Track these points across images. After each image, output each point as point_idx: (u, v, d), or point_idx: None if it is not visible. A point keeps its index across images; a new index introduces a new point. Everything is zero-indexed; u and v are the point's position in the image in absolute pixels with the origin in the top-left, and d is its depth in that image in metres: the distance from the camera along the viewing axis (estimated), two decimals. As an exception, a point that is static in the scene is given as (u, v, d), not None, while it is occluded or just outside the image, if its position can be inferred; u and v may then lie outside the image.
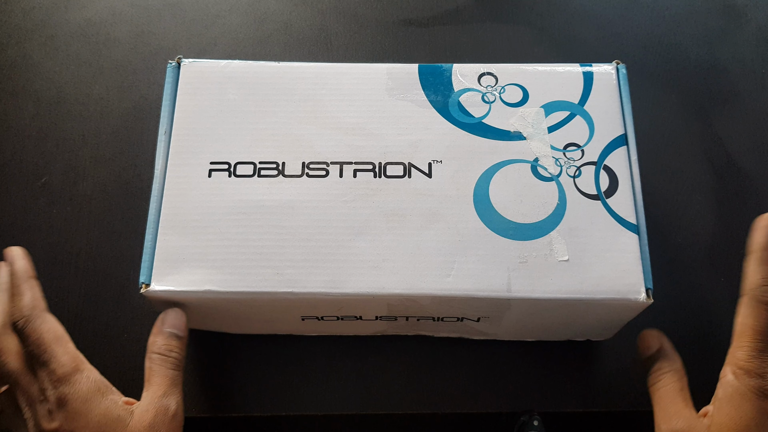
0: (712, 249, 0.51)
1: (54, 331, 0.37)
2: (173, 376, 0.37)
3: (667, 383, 0.37)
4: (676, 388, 0.37)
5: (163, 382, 0.36)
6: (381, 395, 0.47)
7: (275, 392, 0.47)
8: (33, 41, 0.58)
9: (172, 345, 0.38)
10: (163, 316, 0.39)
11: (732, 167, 0.54)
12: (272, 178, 0.41)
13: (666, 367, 0.38)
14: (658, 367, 0.38)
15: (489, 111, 0.43)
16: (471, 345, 0.48)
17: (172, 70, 0.44)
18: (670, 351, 0.39)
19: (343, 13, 0.60)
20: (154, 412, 0.35)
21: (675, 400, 0.37)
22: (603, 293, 0.38)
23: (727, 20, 0.60)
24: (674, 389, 0.37)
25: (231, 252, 0.39)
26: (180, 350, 0.38)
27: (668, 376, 0.38)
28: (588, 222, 0.40)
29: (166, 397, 0.36)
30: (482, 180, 0.41)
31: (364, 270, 0.39)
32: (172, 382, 0.37)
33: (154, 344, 0.38)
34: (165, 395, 0.36)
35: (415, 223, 0.40)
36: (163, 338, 0.38)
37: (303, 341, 0.48)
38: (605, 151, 0.42)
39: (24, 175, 0.53)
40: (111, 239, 0.51)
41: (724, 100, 0.56)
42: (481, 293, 0.38)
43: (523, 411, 0.46)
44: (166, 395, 0.36)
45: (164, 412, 0.35)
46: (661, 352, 0.39)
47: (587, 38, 0.59)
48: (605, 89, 0.44)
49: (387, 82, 0.44)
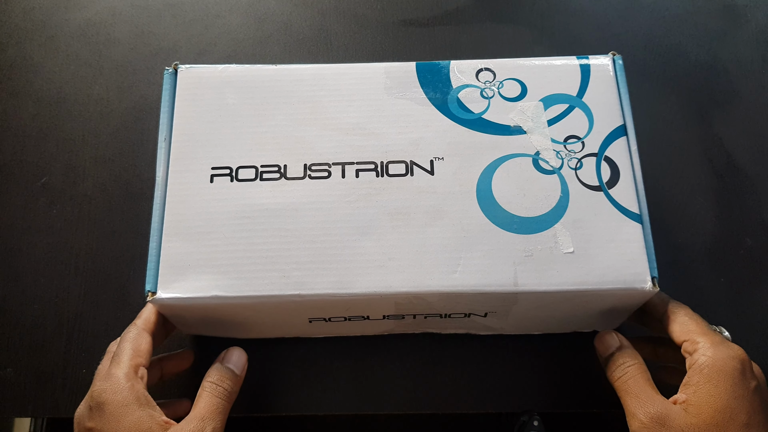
0: (712, 249, 0.51)
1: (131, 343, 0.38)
2: (219, 404, 0.37)
3: (635, 374, 0.38)
4: (644, 378, 0.38)
5: (206, 407, 0.37)
6: (381, 395, 0.47)
7: (277, 392, 0.47)
8: (33, 41, 0.58)
9: (225, 377, 0.39)
10: (225, 353, 0.40)
11: (732, 167, 0.54)
12: (275, 181, 0.41)
13: (629, 361, 0.38)
14: (622, 362, 0.39)
15: (488, 106, 0.43)
16: (472, 345, 0.48)
17: (169, 76, 0.44)
18: (630, 347, 0.40)
19: (343, 13, 0.60)
20: (188, 431, 0.35)
21: (645, 388, 0.37)
22: (609, 283, 0.38)
23: (726, 21, 0.60)
24: (642, 379, 0.37)
25: (236, 257, 0.39)
26: (232, 384, 0.39)
27: (634, 368, 0.38)
28: (591, 213, 0.40)
29: (205, 420, 0.36)
30: (484, 175, 0.41)
31: (370, 269, 0.39)
32: (217, 409, 0.37)
33: (210, 375, 0.39)
34: (204, 419, 0.36)
35: (420, 221, 0.40)
36: (219, 371, 0.39)
37: (303, 342, 0.48)
38: (605, 142, 0.42)
39: (24, 176, 0.53)
40: (111, 239, 0.51)
41: (724, 100, 0.57)
42: (488, 288, 0.38)
43: (523, 411, 0.46)
44: (205, 419, 0.36)
45: None
46: (621, 350, 0.39)
47: (587, 38, 0.59)
48: (603, 81, 0.44)
49: (385, 81, 0.44)
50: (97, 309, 0.49)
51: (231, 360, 0.40)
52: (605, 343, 0.40)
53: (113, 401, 0.35)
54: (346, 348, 0.48)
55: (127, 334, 0.39)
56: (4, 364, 0.48)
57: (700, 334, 0.37)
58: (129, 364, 0.37)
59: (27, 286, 0.49)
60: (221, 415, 0.37)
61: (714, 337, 0.37)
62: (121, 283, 0.49)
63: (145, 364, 0.38)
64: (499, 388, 0.47)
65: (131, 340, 0.38)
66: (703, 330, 0.38)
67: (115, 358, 0.37)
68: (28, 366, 0.47)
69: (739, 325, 0.48)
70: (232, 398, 0.39)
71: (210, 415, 0.36)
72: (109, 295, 0.49)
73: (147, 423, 0.35)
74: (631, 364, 0.38)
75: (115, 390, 0.36)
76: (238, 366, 0.40)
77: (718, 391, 0.35)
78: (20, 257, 0.50)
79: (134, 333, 0.39)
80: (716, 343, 0.37)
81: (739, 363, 0.36)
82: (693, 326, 0.38)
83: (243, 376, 0.40)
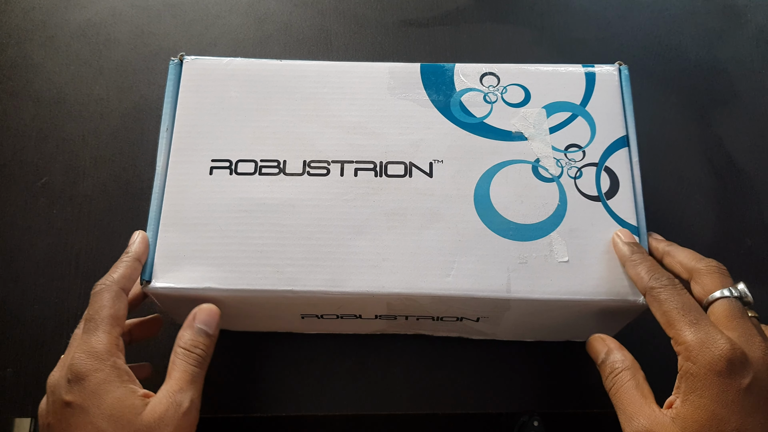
0: (712, 249, 0.51)
1: (110, 309, 0.37)
2: (193, 372, 0.36)
3: (622, 383, 0.36)
4: (632, 386, 0.35)
5: (181, 378, 0.36)
6: (380, 395, 0.47)
7: (275, 392, 0.47)
8: (33, 42, 0.58)
9: (199, 341, 0.37)
10: (195, 310, 0.38)
11: (732, 167, 0.54)
12: (273, 176, 0.41)
13: (618, 367, 0.36)
14: (610, 370, 0.37)
15: (491, 111, 0.43)
16: (471, 345, 0.48)
17: (174, 67, 0.44)
18: (617, 350, 0.37)
19: (343, 13, 0.60)
20: (166, 406, 0.35)
21: (633, 399, 0.35)
22: (603, 294, 0.38)
23: (726, 21, 0.60)
24: (630, 387, 0.35)
25: (231, 250, 0.39)
26: (206, 347, 0.37)
27: (621, 376, 0.36)
28: (588, 223, 0.40)
29: (181, 392, 0.35)
30: (483, 180, 0.41)
31: (364, 269, 0.39)
32: (192, 378, 0.36)
33: (181, 338, 0.37)
34: (180, 391, 0.35)
35: (416, 223, 0.40)
36: (191, 333, 0.37)
37: (302, 341, 0.48)
38: (606, 153, 0.42)
39: (24, 176, 0.53)
40: (111, 239, 0.51)
41: (724, 100, 0.56)
42: (480, 293, 0.38)
43: (523, 411, 0.46)
44: (182, 391, 0.35)
45: (176, 407, 0.35)
46: (609, 355, 0.37)
47: (587, 39, 0.59)
48: (607, 90, 0.44)
49: (389, 81, 0.44)
50: (97, 309, 0.49)
51: (203, 320, 0.38)
52: (594, 350, 0.39)
53: (95, 378, 0.34)
54: (346, 348, 0.48)
55: (104, 294, 0.37)
56: (4, 364, 0.48)
57: (685, 327, 0.34)
58: (108, 335, 0.36)
59: (27, 286, 0.49)
60: (198, 383, 0.36)
61: (699, 332, 0.33)
62: (120, 283, 0.49)
63: (123, 335, 0.37)
64: (499, 389, 0.47)
65: (109, 305, 0.37)
66: (689, 320, 0.34)
67: (91, 324, 0.36)
68: (28, 366, 0.47)
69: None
70: (206, 362, 0.38)
71: (186, 385, 0.36)
72: (109, 295, 0.49)
73: (130, 399, 0.35)
74: (620, 370, 0.36)
75: (97, 366, 0.35)
76: (211, 326, 0.38)
77: (703, 401, 0.32)
78: (20, 257, 0.50)
79: (111, 296, 0.37)
80: (700, 343, 0.33)
81: (725, 363, 0.32)
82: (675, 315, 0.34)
83: (217, 335, 0.39)
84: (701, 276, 0.37)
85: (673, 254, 0.39)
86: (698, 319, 0.34)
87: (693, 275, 0.37)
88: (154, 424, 0.34)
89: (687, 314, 0.34)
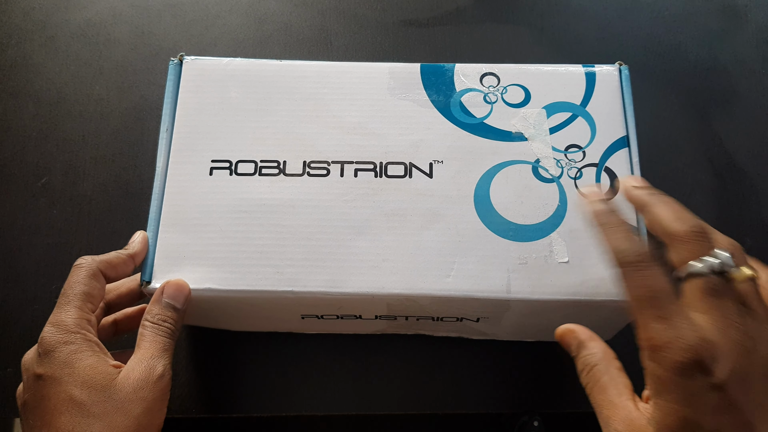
0: (712, 249, 0.51)
1: (84, 286, 0.37)
2: (164, 342, 0.37)
3: (596, 380, 0.32)
4: (606, 382, 0.32)
5: (152, 347, 0.36)
6: (380, 395, 0.47)
7: (275, 392, 0.47)
8: (33, 42, 0.58)
9: (167, 315, 0.37)
10: (163, 285, 0.38)
11: (732, 167, 0.54)
12: (273, 176, 0.41)
13: (589, 363, 0.33)
14: (582, 366, 0.33)
15: (491, 111, 0.43)
16: (471, 345, 0.48)
17: (174, 67, 0.44)
18: (588, 341, 0.34)
19: (343, 13, 0.60)
20: (140, 371, 0.35)
21: (607, 399, 0.31)
22: (603, 295, 0.38)
23: (726, 21, 0.60)
24: (604, 385, 0.32)
25: (231, 250, 0.39)
26: (175, 321, 0.38)
27: (593, 372, 0.33)
28: (589, 224, 0.40)
29: (154, 359, 0.36)
30: (483, 180, 0.41)
31: (364, 269, 0.39)
32: (163, 347, 0.36)
33: (149, 312, 0.37)
34: (153, 357, 0.36)
35: (416, 223, 0.40)
36: (159, 308, 0.38)
37: (303, 341, 0.48)
38: (606, 153, 0.42)
39: (24, 176, 0.53)
40: (111, 239, 0.51)
41: (724, 100, 0.56)
42: (480, 294, 0.38)
43: (523, 411, 0.46)
44: (154, 357, 0.36)
45: (150, 371, 0.35)
46: (580, 348, 0.34)
47: (587, 38, 0.59)
48: (608, 91, 0.43)
49: (389, 82, 0.44)
50: (97, 309, 0.49)
51: (170, 294, 0.38)
52: (565, 344, 0.36)
53: (65, 349, 0.35)
54: (346, 348, 0.48)
55: (81, 270, 0.37)
56: (4, 364, 0.48)
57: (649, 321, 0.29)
58: (79, 311, 0.36)
59: (27, 286, 0.50)
60: (168, 354, 0.37)
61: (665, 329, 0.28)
62: (120, 283, 0.49)
63: (96, 312, 0.37)
64: (499, 389, 0.47)
65: (83, 282, 0.37)
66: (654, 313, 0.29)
67: (63, 299, 0.37)
68: (28, 366, 0.47)
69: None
70: (175, 335, 0.38)
71: (158, 353, 0.36)
72: (109, 295, 0.49)
73: (102, 366, 0.35)
74: (591, 367, 0.33)
75: (66, 338, 0.35)
76: (179, 300, 0.38)
77: (672, 405, 0.28)
78: (20, 257, 0.50)
79: (86, 273, 0.37)
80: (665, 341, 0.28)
81: (692, 363, 0.28)
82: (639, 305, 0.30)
83: (185, 309, 0.38)
84: (678, 244, 0.31)
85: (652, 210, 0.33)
86: (665, 310, 0.29)
87: (671, 241, 0.31)
88: (129, 389, 0.34)
89: (652, 304, 0.29)
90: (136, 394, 0.34)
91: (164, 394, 0.36)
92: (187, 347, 0.48)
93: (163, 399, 0.36)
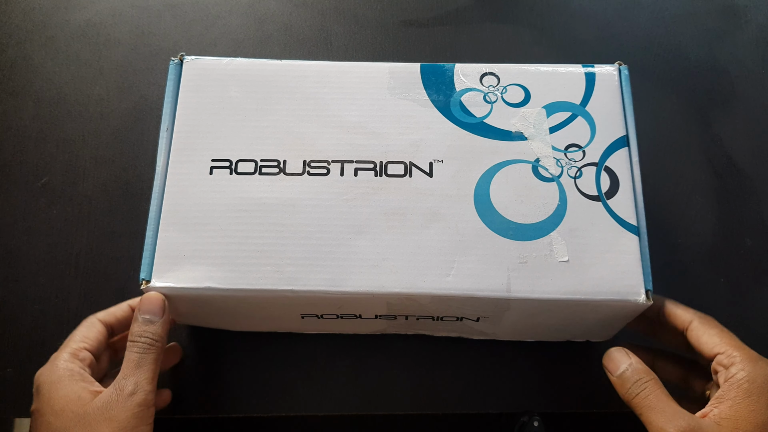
0: (712, 249, 0.51)
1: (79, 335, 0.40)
2: (137, 359, 0.38)
3: (654, 389, 0.37)
4: (665, 393, 0.36)
5: (126, 366, 0.37)
6: (380, 395, 0.47)
7: (275, 393, 0.47)
8: (33, 42, 0.58)
9: (142, 330, 0.38)
10: (138, 303, 0.39)
11: (732, 167, 0.54)
12: (273, 176, 0.41)
13: (645, 377, 0.37)
14: (637, 378, 0.37)
15: (491, 111, 0.43)
16: (471, 345, 0.48)
17: (174, 67, 0.44)
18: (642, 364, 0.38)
19: (343, 14, 0.60)
20: (109, 393, 0.36)
21: (669, 403, 0.36)
22: (602, 294, 0.38)
23: (726, 21, 0.60)
24: (663, 393, 0.36)
25: (231, 249, 0.39)
26: (152, 333, 0.38)
27: (652, 383, 0.37)
28: (588, 223, 0.40)
29: (125, 378, 0.37)
30: (483, 180, 0.41)
31: (364, 269, 0.39)
32: (136, 364, 0.37)
33: (130, 333, 0.39)
34: (124, 377, 0.37)
35: (416, 223, 0.40)
36: (137, 325, 0.39)
37: (303, 342, 0.48)
38: (606, 152, 0.42)
39: (24, 176, 0.53)
40: (111, 239, 0.51)
41: (724, 100, 0.57)
42: (480, 293, 0.38)
43: (523, 412, 0.46)
44: (126, 377, 0.37)
45: (119, 391, 0.36)
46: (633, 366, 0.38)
47: (587, 39, 0.59)
48: (607, 90, 0.43)
49: (389, 81, 0.44)
50: (97, 309, 0.49)
51: (146, 309, 0.39)
52: (615, 361, 0.39)
53: (47, 381, 0.37)
54: (346, 348, 0.48)
55: (80, 326, 0.41)
56: (4, 364, 0.48)
57: (736, 348, 0.37)
58: (70, 350, 0.39)
59: (27, 286, 0.49)
60: (142, 369, 0.37)
61: (750, 353, 0.37)
62: (121, 283, 0.49)
63: (91, 349, 0.40)
64: (499, 389, 0.47)
65: (81, 329, 0.41)
66: (738, 344, 0.37)
67: (60, 348, 0.40)
68: (28, 366, 0.47)
69: (738, 326, 0.48)
70: (154, 346, 0.38)
71: (131, 371, 0.37)
72: (109, 295, 0.49)
73: (77, 393, 0.37)
74: (648, 380, 0.37)
75: (50, 372, 0.38)
76: (154, 312, 0.39)
77: (759, 406, 0.34)
78: (20, 257, 0.50)
79: (86, 323, 0.41)
80: (754, 358, 0.36)
81: None
82: (727, 339, 0.37)
83: (166, 318, 0.39)
84: None
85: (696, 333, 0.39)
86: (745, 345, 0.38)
87: None
88: (98, 411, 0.36)
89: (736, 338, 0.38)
90: (103, 414, 0.36)
91: (140, 412, 0.36)
92: (187, 347, 0.48)
93: (139, 416, 0.36)
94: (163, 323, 0.39)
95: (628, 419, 0.48)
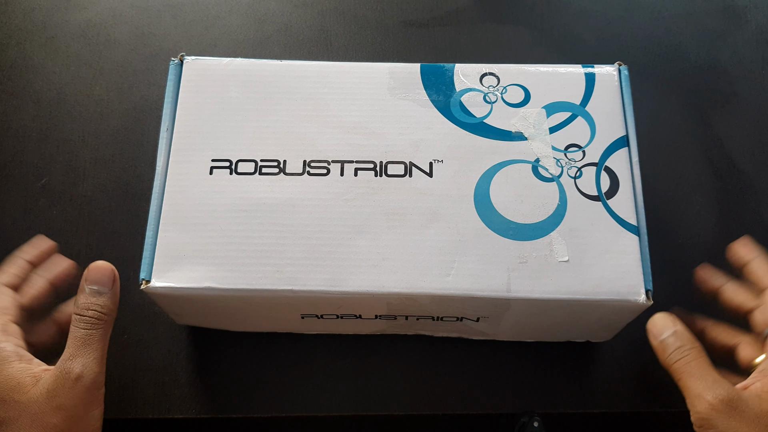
0: (712, 249, 0.51)
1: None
2: (85, 336, 0.34)
3: (696, 356, 0.36)
4: (707, 361, 0.36)
5: (71, 344, 0.34)
6: (380, 396, 0.47)
7: (275, 393, 0.47)
8: (33, 42, 0.58)
9: (90, 302, 0.35)
10: (86, 271, 0.36)
11: (732, 167, 0.54)
12: (273, 176, 0.41)
13: (688, 344, 0.36)
14: (680, 345, 0.36)
15: (490, 111, 0.43)
16: (471, 345, 0.48)
17: (174, 67, 0.44)
18: (688, 331, 0.37)
19: (343, 14, 0.60)
20: (53, 377, 0.33)
21: (710, 371, 0.35)
22: (603, 294, 0.38)
23: (726, 21, 0.60)
24: (705, 362, 0.36)
25: (231, 249, 0.39)
26: (100, 307, 0.35)
27: (695, 351, 0.36)
28: (588, 223, 0.40)
29: (71, 359, 0.34)
30: (483, 180, 0.41)
31: (364, 269, 0.39)
32: (83, 342, 0.34)
33: (75, 304, 0.36)
34: (70, 358, 0.34)
35: (416, 223, 0.40)
36: (84, 297, 0.36)
37: (302, 342, 0.48)
38: (606, 153, 0.42)
39: (24, 176, 0.53)
40: (111, 240, 0.51)
41: (724, 100, 0.57)
42: (480, 293, 0.38)
43: (523, 412, 0.46)
44: (72, 358, 0.34)
45: (65, 375, 0.33)
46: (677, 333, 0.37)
47: (587, 39, 0.59)
48: (607, 91, 0.44)
49: (389, 82, 0.44)
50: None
51: (92, 280, 0.36)
52: (659, 326, 0.38)
53: None
54: (346, 348, 0.48)
55: None
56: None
57: None
58: None
59: (27, 286, 0.49)
60: (92, 346, 0.34)
61: None
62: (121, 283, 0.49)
63: (14, 319, 0.36)
64: (499, 389, 0.47)
65: None
66: None
67: None
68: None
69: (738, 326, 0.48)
70: (103, 322, 0.35)
71: (77, 351, 0.34)
72: (109, 295, 0.49)
73: (16, 379, 0.33)
74: (691, 347, 0.36)
75: None
76: (103, 283, 0.36)
77: None
78: (20, 257, 0.50)
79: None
80: None
81: None
82: None
83: (115, 291, 0.37)
84: None
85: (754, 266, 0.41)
86: None
87: None
88: (44, 399, 0.33)
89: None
90: (49, 403, 0.33)
91: (89, 396, 0.34)
92: (187, 347, 0.48)
93: (90, 402, 0.34)
94: (113, 295, 0.36)
95: (628, 420, 0.48)
